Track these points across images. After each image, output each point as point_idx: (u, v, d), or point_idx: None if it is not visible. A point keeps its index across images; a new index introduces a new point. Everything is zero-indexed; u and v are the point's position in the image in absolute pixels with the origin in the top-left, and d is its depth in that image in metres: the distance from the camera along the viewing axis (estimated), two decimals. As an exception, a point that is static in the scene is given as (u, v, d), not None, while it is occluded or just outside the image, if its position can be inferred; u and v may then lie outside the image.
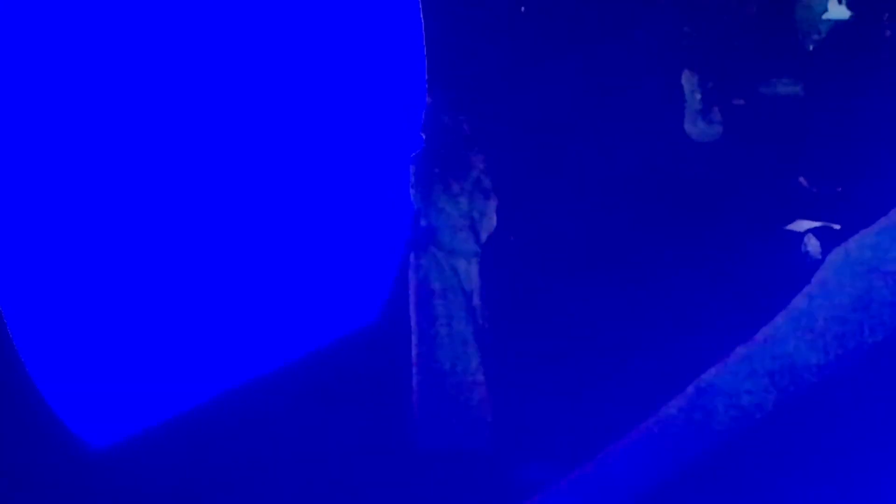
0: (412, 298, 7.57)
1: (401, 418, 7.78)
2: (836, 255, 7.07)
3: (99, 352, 6.86)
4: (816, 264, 7.53)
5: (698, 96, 9.99)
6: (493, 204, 7.63)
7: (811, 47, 10.06)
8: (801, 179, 9.65)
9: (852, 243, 7.05)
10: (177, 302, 7.30)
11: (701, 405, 6.96)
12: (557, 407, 7.77)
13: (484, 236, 7.59)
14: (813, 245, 9.44)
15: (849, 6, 10.03)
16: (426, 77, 9.10)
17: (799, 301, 7.02)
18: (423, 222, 7.54)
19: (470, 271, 7.56)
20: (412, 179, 7.56)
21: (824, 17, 10.24)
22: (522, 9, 9.80)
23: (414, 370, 7.59)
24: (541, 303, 8.34)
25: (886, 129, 9.15)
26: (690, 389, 7.06)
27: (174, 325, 7.29)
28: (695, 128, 10.04)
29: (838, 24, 10.04)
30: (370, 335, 8.71)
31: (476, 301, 7.56)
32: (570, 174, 9.49)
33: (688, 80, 10.04)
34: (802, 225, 9.62)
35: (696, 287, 8.80)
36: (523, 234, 8.97)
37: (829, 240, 8.70)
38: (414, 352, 7.57)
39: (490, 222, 7.62)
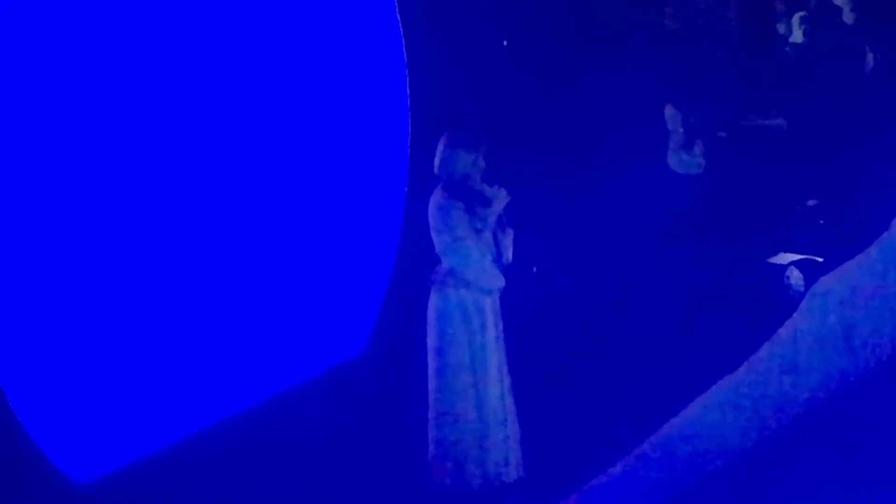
0: (433, 335, 7.50)
1: (386, 451, 7.77)
2: (819, 287, 7.07)
3: (82, 386, 6.83)
4: (800, 296, 7.54)
5: (681, 130, 10.05)
6: (511, 237, 7.61)
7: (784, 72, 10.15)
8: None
9: (835, 276, 7.06)
10: (161, 337, 7.28)
11: (685, 439, 6.96)
12: (544, 440, 7.77)
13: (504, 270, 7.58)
14: (796, 277, 9.48)
15: (805, 34, 10.12)
16: (409, 112, 9.15)
17: (783, 334, 7.02)
18: (446, 262, 7.47)
19: (495, 306, 7.53)
20: (433, 219, 7.50)
21: (790, 40, 10.34)
22: (504, 43, 9.86)
23: (432, 407, 7.53)
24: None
25: (868, 162, 9.20)
26: (674, 422, 7.06)
27: (158, 360, 7.27)
28: (678, 161, 10.10)
29: (816, 53, 10.12)
30: (356, 367, 8.71)
31: (500, 334, 7.54)
32: (559, 212, 9.54)
33: (671, 115, 10.10)
34: (786, 257, 9.66)
35: (680, 319, 8.83)
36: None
37: (812, 272, 8.74)
38: (433, 387, 7.51)
39: (509, 256, 7.60)
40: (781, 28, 10.48)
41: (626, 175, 9.74)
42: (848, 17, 10.12)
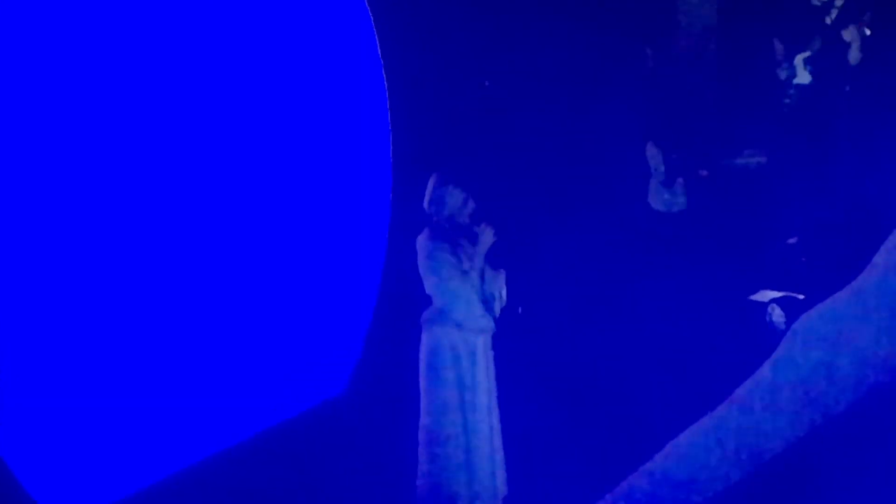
0: (424, 374, 7.47)
1: (369, 489, 7.75)
2: (800, 324, 7.08)
3: (67, 427, 6.81)
4: (781, 334, 7.55)
5: (662, 168, 10.09)
6: (502, 277, 7.59)
7: (779, 113, 10.20)
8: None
9: (816, 313, 7.07)
10: (144, 377, 7.26)
11: (666, 476, 6.95)
12: (533, 477, 7.77)
13: (498, 310, 7.55)
14: (777, 315, 9.50)
15: (812, 73, 10.18)
16: (391, 151, 9.18)
17: (764, 371, 7.03)
18: (437, 302, 7.45)
19: (486, 346, 7.51)
20: (421, 259, 7.49)
21: (794, 81, 10.40)
22: (486, 83, 9.91)
23: (422, 446, 7.50)
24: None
25: (849, 200, 9.24)
26: (657, 459, 7.05)
27: (141, 400, 7.25)
28: (660, 199, 10.13)
29: (804, 92, 10.18)
30: (337, 407, 8.69)
31: (491, 374, 7.52)
32: (543, 251, 9.57)
33: (652, 153, 10.15)
34: (767, 295, 9.68)
35: (663, 356, 8.84)
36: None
37: (793, 309, 8.75)
38: (423, 426, 7.48)
39: (503, 296, 7.58)
40: (782, 73, 10.55)
41: (607, 213, 9.77)
42: (854, 57, 10.19)
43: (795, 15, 10.52)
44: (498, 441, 7.55)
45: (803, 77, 10.47)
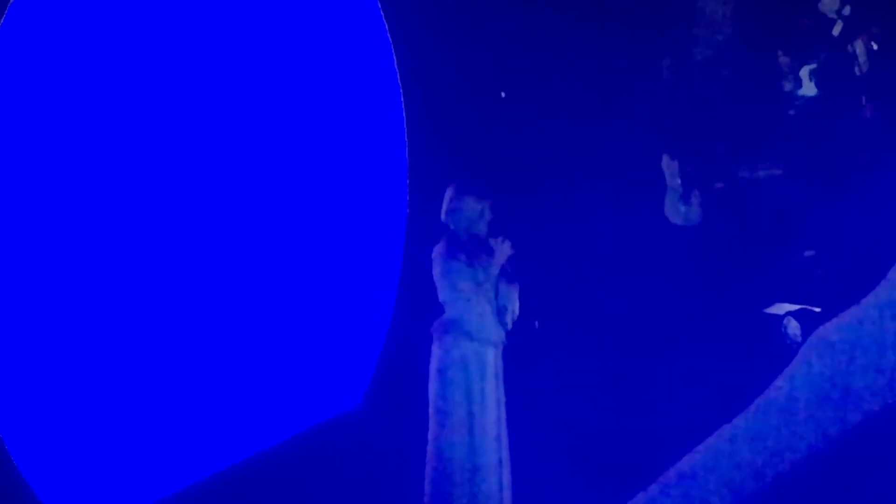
0: (434, 385, 7.47)
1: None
2: (816, 337, 7.08)
3: (77, 436, 6.82)
4: (797, 346, 7.54)
5: (678, 181, 10.07)
6: (516, 290, 7.58)
7: (795, 125, 10.19)
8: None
9: (832, 326, 7.06)
10: (156, 389, 7.28)
11: (682, 489, 6.95)
12: (539, 489, 7.75)
13: (510, 323, 7.54)
14: (793, 327, 9.47)
15: (817, 85, 10.17)
16: (407, 163, 9.19)
17: (780, 383, 7.02)
18: (449, 312, 7.46)
19: (497, 359, 7.50)
20: (437, 269, 7.51)
21: (799, 93, 10.39)
22: (503, 94, 9.92)
23: (429, 457, 7.49)
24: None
25: (865, 212, 9.23)
26: (671, 472, 7.05)
27: (153, 412, 7.25)
28: (676, 212, 10.11)
29: (813, 105, 10.17)
30: (353, 420, 8.69)
31: (500, 387, 7.50)
32: (558, 265, 9.56)
33: (668, 166, 10.13)
34: (783, 308, 9.66)
35: (678, 369, 8.82)
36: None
37: (808, 322, 8.73)
38: (431, 437, 7.47)
39: (515, 309, 7.57)
40: (787, 85, 10.55)
41: (623, 225, 9.76)
42: (862, 68, 10.18)
43: (808, 26, 10.53)
44: (506, 455, 7.53)
45: (809, 90, 10.49)
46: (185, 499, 7.43)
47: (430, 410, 7.49)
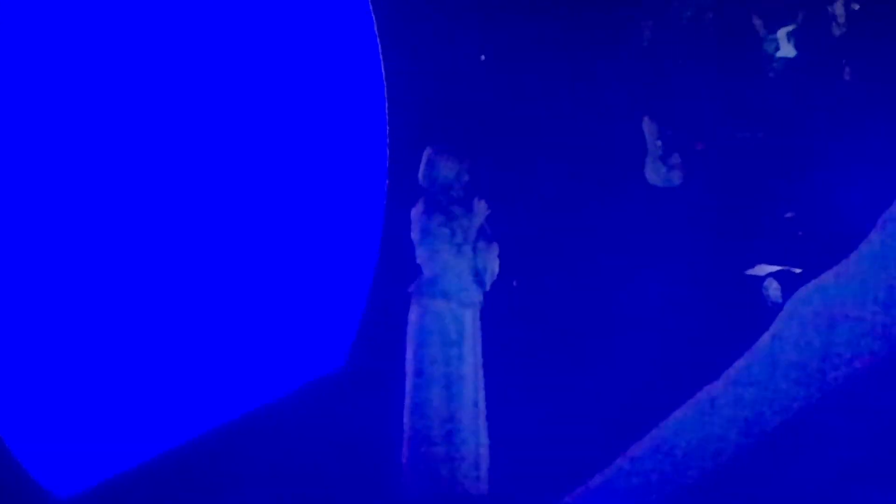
0: (411, 346, 7.49)
1: (370, 465, 7.77)
2: (797, 298, 7.12)
3: (62, 401, 6.82)
4: (777, 308, 7.58)
5: (658, 142, 10.09)
6: (495, 250, 7.59)
7: (776, 89, 10.20)
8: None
9: (813, 286, 7.11)
10: (140, 351, 7.28)
11: (664, 448, 7.00)
12: (527, 447, 7.78)
13: (488, 284, 7.55)
14: (774, 289, 9.52)
15: (796, 46, 10.18)
16: (387, 123, 9.18)
17: (761, 345, 7.07)
18: (427, 273, 7.47)
19: (475, 320, 7.52)
20: (415, 231, 7.51)
21: (777, 55, 10.40)
22: (482, 57, 9.91)
23: (407, 417, 7.52)
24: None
25: (846, 173, 9.26)
26: (655, 432, 7.10)
27: (138, 374, 7.26)
28: (656, 174, 10.13)
29: (795, 67, 10.17)
30: (337, 381, 8.71)
31: (477, 348, 7.53)
32: (538, 225, 9.58)
33: (648, 127, 10.14)
34: (763, 269, 9.71)
35: (659, 330, 8.86)
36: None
37: (790, 284, 8.78)
38: (408, 396, 7.50)
39: (494, 270, 7.58)
40: (769, 45, 10.54)
41: (603, 187, 9.78)
42: (837, 29, 10.19)
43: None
44: (482, 416, 7.57)
45: (788, 51, 10.49)
46: (171, 462, 7.44)
47: (407, 370, 7.53)
